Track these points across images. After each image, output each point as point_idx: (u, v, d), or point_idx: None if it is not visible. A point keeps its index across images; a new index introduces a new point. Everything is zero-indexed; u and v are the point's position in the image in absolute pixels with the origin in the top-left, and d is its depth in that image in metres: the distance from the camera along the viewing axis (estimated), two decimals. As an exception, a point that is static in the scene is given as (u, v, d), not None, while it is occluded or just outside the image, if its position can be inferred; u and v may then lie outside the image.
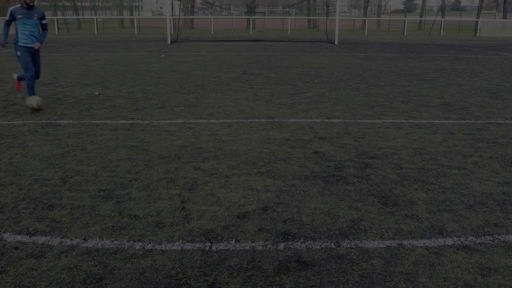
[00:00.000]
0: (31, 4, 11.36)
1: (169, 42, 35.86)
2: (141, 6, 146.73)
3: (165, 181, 6.90)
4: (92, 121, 10.36)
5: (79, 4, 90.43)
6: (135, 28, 57.27)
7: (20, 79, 12.54)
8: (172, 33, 41.02)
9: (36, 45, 11.65)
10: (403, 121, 10.55)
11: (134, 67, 20.28)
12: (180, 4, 48.74)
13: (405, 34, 53.75)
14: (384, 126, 10.11)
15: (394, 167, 7.56)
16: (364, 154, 8.24)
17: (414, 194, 6.47)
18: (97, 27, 54.52)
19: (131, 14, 78.26)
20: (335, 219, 5.70)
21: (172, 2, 62.12)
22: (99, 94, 13.62)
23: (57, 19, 55.85)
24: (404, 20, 56.38)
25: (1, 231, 5.34)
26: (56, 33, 51.46)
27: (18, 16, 11.29)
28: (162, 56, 25.22)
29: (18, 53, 11.53)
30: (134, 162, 7.73)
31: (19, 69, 19.10)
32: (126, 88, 14.65)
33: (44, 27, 12.16)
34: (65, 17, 71.79)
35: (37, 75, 11.93)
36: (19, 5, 11.46)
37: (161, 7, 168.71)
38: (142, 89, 14.54)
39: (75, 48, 30.28)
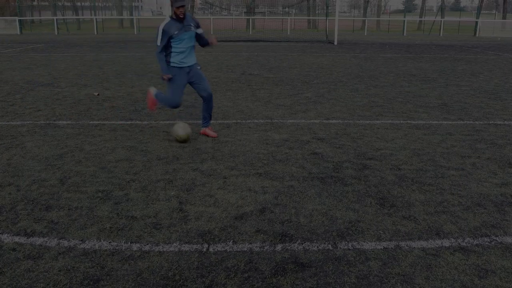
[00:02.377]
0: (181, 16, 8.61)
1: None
2: (141, 6, 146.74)
3: (163, 182, 6.90)
4: (91, 122, 10.36)
5: (78, 4, 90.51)
6: (135, 28, 57.20)
7: (159, 97, 9.28)
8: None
9: (213, 41, 9.58)
10: (401, 122, 10.56)
11: (133, 67, 20.28)
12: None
13: (404, 34, 53.72)
14: (382, 127, 10.12)
15: (392, 168, 7.57)
16: (362, 155, 8.24)
17: (412, 196, 6.48)
18: (96, 27, 54.53)
19: (131, 14, 78.36)
20: (333, 220, 5.70)
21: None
22: (98, 94, 13.62)
23: (56, 19, 55.85)
24: (404, 20, 56.34)
25: (-1, 232, 5.35)
26: (56, 33, 51.49)
27: (175, 33, 8.52)
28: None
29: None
30: (133, 163, 7.73)
31: (21, 70, 19.15)
32: (125, 89, 14.65)
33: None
34: (65, 17, 71.78)
35: (209, 93, 9.03)
36: (169, 19, 8.61)
37: (161, 7, 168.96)
38: (141, 89, 14.54)
39: (74, 49, 30.29)
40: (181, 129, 8.85)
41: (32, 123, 10.22)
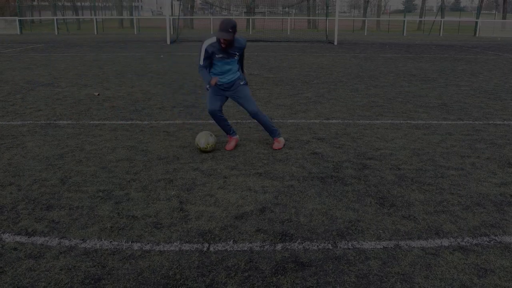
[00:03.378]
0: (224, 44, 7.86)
1: (168, 42, 35.86)
2: (141, 6, 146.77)
3: (164, 181, 6.92)
4: (91, 122, 10.38)
5: (78, 4, 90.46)
6: (135, 28, 57.24)
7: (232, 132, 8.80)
8: (172, 33, 41.00)
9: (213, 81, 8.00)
10: (401, 122, 10.57)
11: (133, 67, 20.29)
12: (180, 4, 48.69)
13: (404, 34, 53.74)
14: (382, 127, 10.13)
15: (392, 168, 7.59)
16: (362, 155, 8.26)
17: (412, 195, 6.49)
18: (96, 27, 54.57)
19: (131, 14, 78.41)
20: (333, 220, 5.72)
21: (172, 2, 62.05)
22: (98, 94, 13.64)
23: (56, 19, 55.86)
24: (404, 20, 56.35)
25: (0, 232, 5.36)
26: (56, 33, 51.49)
27: (218, 56, 8.02)
28: (161, 56, 25.21)
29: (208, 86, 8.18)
30: (133, 162, 7.75)
31: (21, 70, 19.16)
32: (125, 89, 14.66)
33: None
34: (65, 17, 71.79)
35: (252, 111, 8.40)
36: (214, 40, 7.94)
37: (161, 7, 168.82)
38: (141, 89, 14.56)
39: (75, 49, 30.29)
40: (203, 139, 8.28)
41: (33, 123, 10.23)
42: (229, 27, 7.55)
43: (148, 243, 5.11)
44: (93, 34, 51.97)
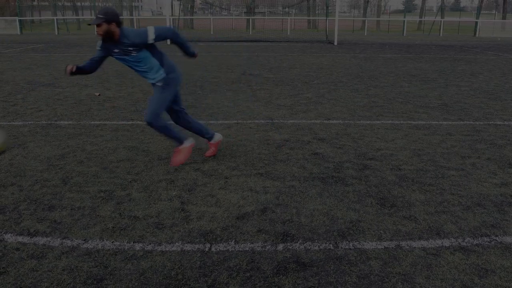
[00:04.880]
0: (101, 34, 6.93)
1: (168, 42, 35.75)
2: (141, 6, 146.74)
3: (165, 182, 6.94)
4: (92, 122, 10.39)
5: (78, 4, 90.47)
6: (135, 28, 57.23)
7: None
8: (172, 33, 40.93)
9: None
10: (401, 122, 10.59)
11: (134, 67, 20.27)
12: (180, 4, 48.77)
13: (404, 34, 53.70)
14: (382, 127, 10.15)
15: (392, 168, 7.60)
16: (362, 155, 8.28)
17: (412, 196, 6.51)
18: (97, 27, 54.53)
19: (131, 14, 78.20)
20: (334, 220, 5.74)
21: (172, 2, 62.11)
22: (99, 95, 13.65)
23: (56, 19, 55.86)
24: (404, 21, 56.29)
25: (2, 232, 5.38)
26: (56, 33, 51.51)
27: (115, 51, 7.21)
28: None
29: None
30: (134, 163, 7.76)
31: (22, 70, 19.19)
32: (126, 89, 14.68)
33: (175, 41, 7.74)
34: (65, 17, 71.79)
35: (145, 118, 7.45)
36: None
37: (161, 7, 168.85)
38: (141, 89, 14.57)
39: (75, 49, 30.32)
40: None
41: (34, 123, 10.25)
42: (101, 13, 6.69)
43: (150, 244, 5.12)
44: (93, 34, 51.93)
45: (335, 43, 36.02)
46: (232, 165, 7.68)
